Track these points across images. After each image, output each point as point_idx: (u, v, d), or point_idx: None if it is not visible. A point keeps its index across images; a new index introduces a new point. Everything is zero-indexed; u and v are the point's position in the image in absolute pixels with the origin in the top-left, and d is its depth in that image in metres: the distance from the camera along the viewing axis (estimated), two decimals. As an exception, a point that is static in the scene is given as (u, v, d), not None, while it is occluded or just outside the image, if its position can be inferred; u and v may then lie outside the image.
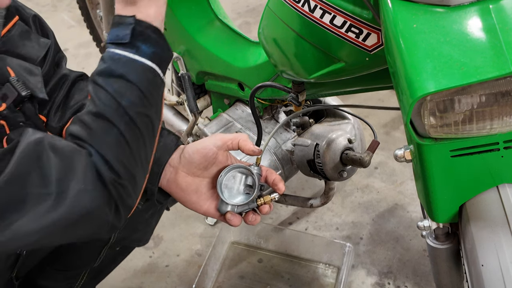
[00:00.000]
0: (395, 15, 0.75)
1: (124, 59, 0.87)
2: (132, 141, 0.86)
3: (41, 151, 0.80)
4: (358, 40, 0.93)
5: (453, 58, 0.69)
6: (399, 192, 1.93)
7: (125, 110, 0.86)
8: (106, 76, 0.87)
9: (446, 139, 0.77)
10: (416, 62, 0.70)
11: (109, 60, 0.87)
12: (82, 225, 0.84)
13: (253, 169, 1.03)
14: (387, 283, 1.65)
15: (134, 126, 0.87)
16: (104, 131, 0.84)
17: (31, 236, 0.80)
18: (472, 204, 0.83)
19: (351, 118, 1.47)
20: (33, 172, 0.79)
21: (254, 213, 1.05)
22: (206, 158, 1.02)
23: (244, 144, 1.03)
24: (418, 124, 0.76)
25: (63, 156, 0.81)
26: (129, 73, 0.87)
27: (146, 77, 0.88)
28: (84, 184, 0.81)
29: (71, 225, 0.82)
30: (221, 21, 1.54)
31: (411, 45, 0.72)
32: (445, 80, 0.68)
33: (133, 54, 0.87)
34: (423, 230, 0.97)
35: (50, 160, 0.80)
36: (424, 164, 0.81)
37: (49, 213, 0.79)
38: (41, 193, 0.79)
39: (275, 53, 1.18)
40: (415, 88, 0.69)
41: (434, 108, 0.73)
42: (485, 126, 0.75)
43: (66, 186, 0.80)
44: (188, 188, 1.03)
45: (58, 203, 0.79)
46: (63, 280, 1.30)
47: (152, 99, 0.89)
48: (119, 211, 0.87)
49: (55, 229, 0.81)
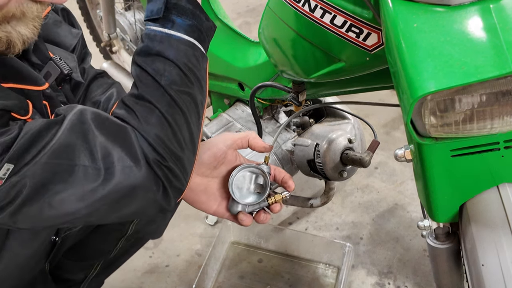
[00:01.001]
0: (395, 15, 0.75)
1: (160, 36, 0.85)
2: (174, 122, 0.85)
3: (88, 127, 0.80)
4: (358, 40, 0.93)
5: (453, 58, 0.69)
6: (399, 192, 1.93)
7: (165, 89, 0.84)
8: (144, 55, 0.86)
9: (446, 138, 0.77)
10: (416, 62, 0.70)
11: (146, 38, 0.86)
12: (129, 202, 0.83)
13: (264, 168, 1.03)
14: (387, 283, 1.64)
15: (175, 105, 0.85)
16: (145, 113, 0.84)
17: (78, 210, 0.80)
18: (473, 204, 0.83)
19: (351, 118, 1.47)
20: (80, 146, 0.79)
21: (265, 212, 1.04)
22: (215, 158, 1.02)
23: (254, 142, 1.03)
24: (419, 124, 0.76)
25: (109, 133, 0.81)
26: (166, 50, 0.85)
27: (185, 53, 0.86)
28: (130, 161, 0.81)
29: (117, 201, 0.82)
30: (221, 21, 1.54)
31: (411, 45, 0.72)
32: (445, 79, 0.68)
33: (168, 29, 0.85)
34: (423, 230, 0.97)
35: (97, 137, 0.80)
36: (424, 163, 0.81)
37: (96, 188, 0.79)
38: (88, 167, 0.78)
39: (275, 53, 1.18)
40: (415, 88, 0.69)
41: (435, 107, 0.73)
42: (485, 126, 0.75)
43: (112, 162, 0.80)
44: (197, 188, 1.02)
45: (105, 179, 0.79)
46: (78, 271, 1.31)
47: (193, 76, 0.88)
48: (168, 193, 0.86)
49: (102, 204, 0.81)
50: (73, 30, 1.08)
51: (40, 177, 0.76)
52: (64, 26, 1.07)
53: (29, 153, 0.75)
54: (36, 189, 0.76)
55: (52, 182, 0.77)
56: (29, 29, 0.80)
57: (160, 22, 0.86)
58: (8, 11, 0.76)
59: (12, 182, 0.74)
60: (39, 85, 0.87)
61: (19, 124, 0.77)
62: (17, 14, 0.77)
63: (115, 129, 0.82)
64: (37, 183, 0.76)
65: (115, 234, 1.25)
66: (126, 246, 1.31)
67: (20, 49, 0.81)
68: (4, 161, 0.73)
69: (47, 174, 0.76)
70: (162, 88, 0.84)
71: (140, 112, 0.84)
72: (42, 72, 0.91)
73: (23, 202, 0.76)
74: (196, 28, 0.88)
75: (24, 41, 0.80)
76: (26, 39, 0.80)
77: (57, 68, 0.92)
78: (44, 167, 0.76)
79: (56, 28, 1.04)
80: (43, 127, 0.77)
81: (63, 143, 0.77)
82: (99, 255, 1.30)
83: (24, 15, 0.78)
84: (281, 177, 1.06)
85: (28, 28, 0.80)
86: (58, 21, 1.06)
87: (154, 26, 0.86)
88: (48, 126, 0.78)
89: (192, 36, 0.87)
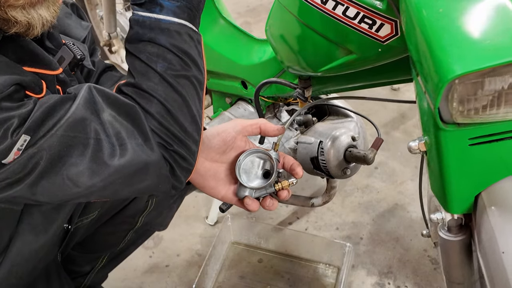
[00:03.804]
0: (418, 1, 0.75)
1: (149, 21, 0.85)
2: (174, 107, 0.86)
3: (100, 104, 0.81)
4: (371, 31, 0.93)
5: (481, 40, 0.69)
6: (399, 192, 1.94)
7: (162, 76, 0.85)
8: (135, 43, 0.86)
9: (469, 124, 0.77)
10: (445, 46, 0.70)
11: (135, 25, 0.86)
12: (143, 177, 0.85)
13: (272, 153, 1.02)
14: (387, 283, 1.64)
15: (173, 91, 0.86)
16: (144, 103, 0.84)
17: (94, 184, 0.81)
18: (489, 193, 0.83)
19: (354, 116, 1.47)
20: (94, 121, 0.80)
21: (272, 198, 1.04)
22: (225, 142, 1.02)
23: (266, 127, 1.04)
24: (444, 110, 0.76)
25: (120, 111, 0.82)
26: (158, 35, 0.85)
27: (177, 36, 0.86)
28: (141, 139, 0.83)
29: (131, 176, 0.83)
30: (225, 19, 1.54)
31: (438, 29, 0.72)
32: (475, 61, 0.68)
33: (157, 14, 0.85)
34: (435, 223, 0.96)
35: (108, 113, 0.81)
36: (441, 153, 0.81)
37: (111, 162, 0.80)
38: (103, 140, 0.80)
39: (283, 48, 1.18)
40: (445, 71, 0.69)
41: (463, 91, 0.73)
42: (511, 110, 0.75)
43: (124, 139, 0.81)
44: (207, 173, 1.02)
45: (120, 154, 0.81)
46: (85, 263, 1.31)
47: (187, 58, 0.88)
48: (176, 173, 0.88)
49: (116, 178, 0.82)
50: (83, 23, 1.09)
51: (56, 149, 0.77)
52: (74, 18, 1.07)
53: (45, 125, 0.76)
54: (53, 161, 0.78)
55: (68, 154, 0.78)
56: (50, 12, 0.81)
57: (147, 6, 0.85)
58: None
59: (30, 154, 0.76)
60: (53, 70, 0.88)
61: (33, 99, 0.78)
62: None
63: (126, 107, 0.83)
64: (54, 155, 0.78)
65: (125, 226, 1.25)
66: (133, 238, 1.31)
67: (40, 31, 0.81)
68: (22, 132, 0.74)
69: (63, 146, 0.78)
70: (159, 75, 0.85)
71: (139, 101, 0.85)
72: (56, 57, 0.92)
73: (41, 174, 0.78)
74: (186, 7, 0.87)
75: (43, 24, 0.81)
76: (46, 22, 0.81)
77: (70, 52, 0.92)
78: (60, 140, 0.77)
79: (67, 20, 1.05)
80: (58, 101, 0.79)
81: (77, 117, 0.79)
82: (107, 247, 1.30)
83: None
84: (290, 164, 1.06)
85: (49, 11, 0.81)
86: (68, 13, 1.06)
87: (141, 11, 0.85)
88: (62, 101, 0.79)
89: (182, 18, 0.87)
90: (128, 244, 1.32)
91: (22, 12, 0.77)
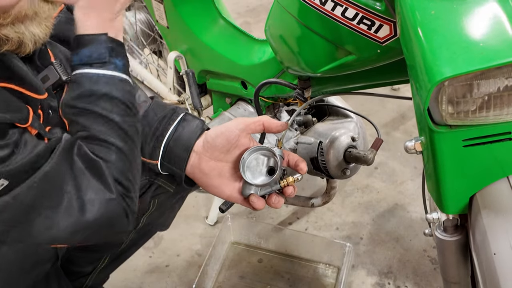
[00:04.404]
0: (412, 3, 0.76)
1: (104, 78, 0.90)
2: (129, 153, 0.92)
3: (74, 159, 0.86)
4: (370, 32, 0.94)
5: (471, 43, 0.70)
6: (399, 192, 1.94)
7: (118, 125, 0.90)
8: (86, 98, 0.89)
9: (461, 126, 0.77)
10: (434, 48, 0.71)
11: (86, 83, 0.90)
12: (108, 229, 0.91)
13: (276, 150, 1.02)
14: (387, 283, 1.65)
15: (128, 138, 0.91)
16: (104, 153, 0.89)
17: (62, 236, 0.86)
18: (483, 195, 0.83)
19: (354, 116, 1.47)
20: (68, 176, 0.85)
21: (278, 195, 1.03)
22: (228, 141, 1.02)
23: (269, 123, 1.04)
24: (435, 111, 0.76)
25: (89, 166, 0.87)
26: (112, 90, 0.90)
27: (125, 89, 0.92)
28: (108, 193, 0.88)
29: (97, 231, 0.89)
30: (225, 19, 1.55)
31: (429, 32, 0.72)
32: (464, 64, 0.69)
33: (111, 71, 0.91)
34: (432, 222, 0.97)
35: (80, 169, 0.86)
36: (436, 154, 0.82)
37: (81, 216, 0.85)
38: (73, 195, 0.85)
39: (283, 48, 1.18)
40: (434, 73, 0.70)
41: (453, 93, 0.74)
42: (502, 113, 0.75)
43: (92, 195, 0.86)
44: (211, 173, 1.03)
45: (88, 209, 0.86)
46: (86, 264, 1.32)
47: (133, 107, 0.94)
48: (129, 218, 0.93)
49: (84, 233, 0.88)
50: None
51: (31, 200, 0.81)
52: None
53: (26, 174, 0.80)
54: (26, 211, 0.81)
55: (44, 205, 0.83)
56: (41, 29, 0.82)
57: (103, 65, 0.90)
58: (21, 11, 0.77)
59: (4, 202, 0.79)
60: (39, 94, 0.89)
61: (16, 138, 0.80)
62: (29, 14, 0.79)
63: (93, 163, 0.88)
64: (28, 206, 0.81)
65: None
66: (135, 239, 1.31)
67: (32, 49, 0.83)
68: (2, 176, 0.77)
69: (38, 197, 0.82)
70: (116, 125, 0.90)
71: (99, 152, 0.89)
72: (40, 75, 0.93)
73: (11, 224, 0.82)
74: (127, 65, 0.94)
75: (35, 41, 0.82)
76: (38, 39, 0.82)
77: (56, 73, 0.93)
78: (36, 191, 0.81)
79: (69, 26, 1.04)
80: (41, 152, 0.82)
81: (55, 168, 0.83)
82: (109, 248, 1.30)
83: (36, 14, 0.80)
84: (294, 160, 1.05)
85: (40, 27, 0.82)
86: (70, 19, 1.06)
87: (94, 69, 0.90)
88: (46, 150, 0.83)
89: (126, 73, 0.94)
90: (130, 244, 1.31)
91: (12, 28, 0.78)
